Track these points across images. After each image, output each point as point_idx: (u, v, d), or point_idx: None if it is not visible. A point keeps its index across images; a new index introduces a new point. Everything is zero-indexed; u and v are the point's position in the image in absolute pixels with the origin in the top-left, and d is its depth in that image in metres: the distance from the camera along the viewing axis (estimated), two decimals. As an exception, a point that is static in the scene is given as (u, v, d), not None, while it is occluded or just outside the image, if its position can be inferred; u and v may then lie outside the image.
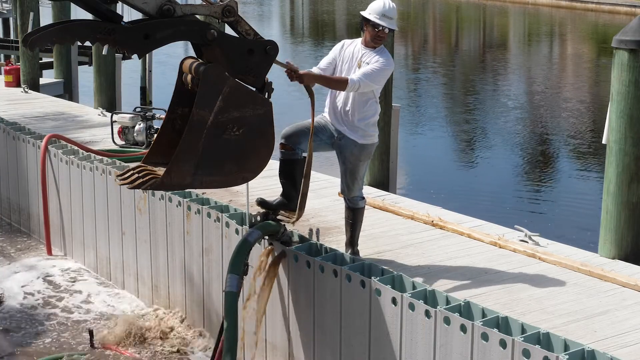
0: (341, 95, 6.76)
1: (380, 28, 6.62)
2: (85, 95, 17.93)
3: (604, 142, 7.50)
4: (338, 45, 6.90)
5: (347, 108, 6.74)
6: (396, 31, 7.06)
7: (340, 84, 6.60)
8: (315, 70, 6.81)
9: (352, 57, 6.76)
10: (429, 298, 6.03)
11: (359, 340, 6.46)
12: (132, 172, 6.20)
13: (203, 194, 8.38)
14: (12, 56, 18.92)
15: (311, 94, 6.57)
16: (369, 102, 6.74)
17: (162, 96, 18.19)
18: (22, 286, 9.68)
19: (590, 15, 50.74)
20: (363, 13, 6.70)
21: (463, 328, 5.64)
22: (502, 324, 5.63)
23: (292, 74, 6.47)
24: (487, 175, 17.02)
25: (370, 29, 6.67)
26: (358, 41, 6.81)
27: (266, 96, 6.21)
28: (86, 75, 18.48)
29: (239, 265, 6.65)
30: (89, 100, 16.33)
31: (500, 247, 7.34)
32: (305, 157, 6.72)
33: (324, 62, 6.86)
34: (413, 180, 15.59)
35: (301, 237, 7.14)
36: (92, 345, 8.25)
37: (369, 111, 6.75)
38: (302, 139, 6.72)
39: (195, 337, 8.33)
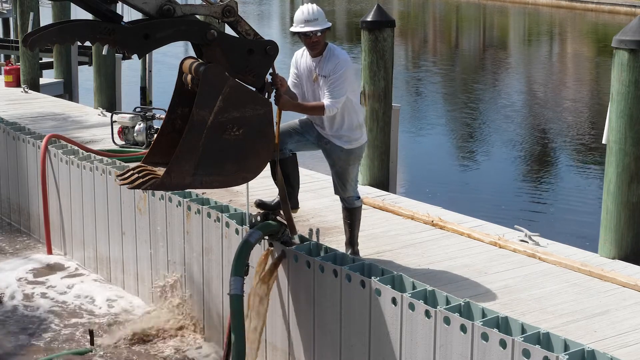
0: None
1: (309, 35, 6.53)
2: (85, 95, 17.92)
3: (604, 142, 7.50)
4: (293, 62, 6.78)
5: (328, 118, 6.66)
6: (396, 31, 7.00)
7: (316, 110, 6.53)
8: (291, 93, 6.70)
9: (308, 70, 6.66)
10: (429, 298, 6.03)
11: (359, 340, 6.46)
12: (132, 172, 6.20)
13: (203, 194, 8.38)
14: (12, 56, 18.90)
15: (278, 119, 6.48)
16: (348, 108, 6.63)
17: (162, 96, 18.19)
18: (22, 286, 9.69)
19: (590, 15, 50.73)
20: (291, 29, 6.61)
21: (463, 328, 5.64)
22: (502, 324, 5.63)
23: (278, 88, 6.40)
24: (487, 175, 17.02)
25: (303, 40, 6.58)
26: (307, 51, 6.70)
27: (266, 96, 6.21)
28: (86, 75, 18.47)
29: (241, 267, 6.65)
30: (89, 100, 16.32)
31: (500, 247, 7.34)
32: (294, 154, 6.72)
33: (290, 81, 6.73)
34: (413, 180, 15.58)
35: (301, 237, 7.14)
36: (92, 344, 8.25)
37: (349, 117, 6.66)
38: (288, 139, 6.71)
39: (196, 337, 8.33)
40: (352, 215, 6.95)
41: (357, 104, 6.75)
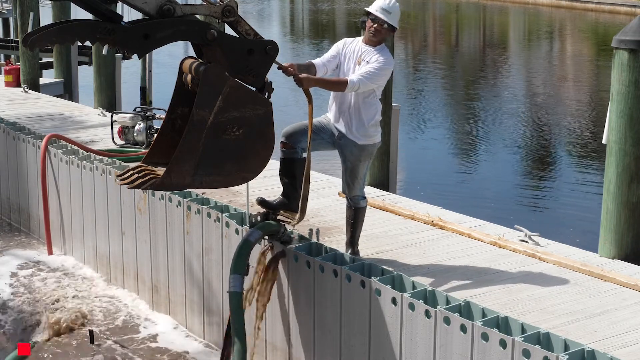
0: (343, 96, 6.76)
1: (377, 20, 6.64)
2: (85, 95, 17.92)
3: (604, 142, 7.50)
4: (339, 43, 6.90)
5: (348, 109, 6.74)
6: (396, 30, 7.03)
7: (339, 85, 6.60)
8: (317, 62, 6.81)
9: (353, 55, 6.78)
10: (429, 298, 6.03)
11: (359, 340, 6.46)
12: (132, 172, 6.20)
13: (203, 194, 8.38)
14: (12, 56, 18.91)
15: (309, 98, 6.56)
16: (370, 102, 6.74)
17: (162, 96, 18.19)
18: (22, 286, 9.68)
19: (590, 15, 50.76)
20: (366, 8, 6.76)
21: (463, 328, 5.64)
22: (502, 324, 5.63)
23: (290, 74, 6.46)
24: (488, 175, 17.02)
25: (369, 22, 6.71)
26: (359, 39, 6.84)
27: (266, 96, 6.21)
28: (86, 75, 18.47)
29: (241, 265, 6.66)
30: (89, 100, 16.33)
31: (500, 247, 7.34)
32: (304, 158, 6.72)
33: (327, 56, 6.88)
34: (413, 180, 15.59)
35: (301, 237, 7.14)
36: (92, 344, 8.26)
37: (369, 112, 6.74)
38: (303, 138, 6.72)
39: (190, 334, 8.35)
40: (355, 215, 6.96)
41: (378, 102, 6.83)
